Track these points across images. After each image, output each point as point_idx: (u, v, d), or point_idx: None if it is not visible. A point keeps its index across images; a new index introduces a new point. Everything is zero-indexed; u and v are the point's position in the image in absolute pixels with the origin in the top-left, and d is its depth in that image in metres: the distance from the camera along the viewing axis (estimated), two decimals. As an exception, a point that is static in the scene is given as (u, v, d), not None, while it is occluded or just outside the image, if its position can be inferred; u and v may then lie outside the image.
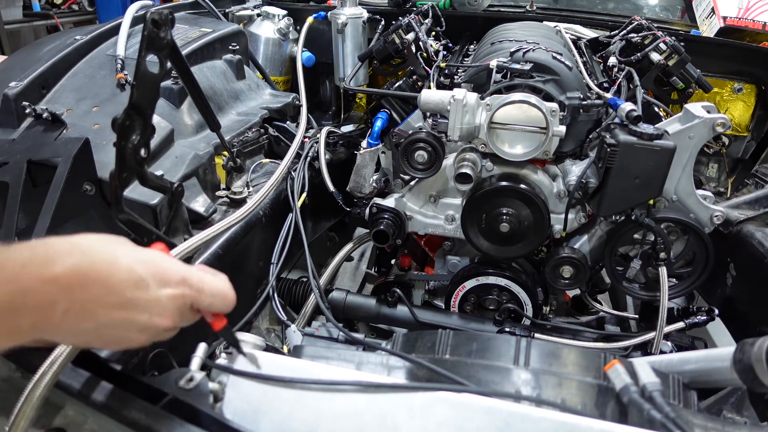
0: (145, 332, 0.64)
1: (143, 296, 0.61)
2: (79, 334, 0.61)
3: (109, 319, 0.60)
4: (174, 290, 0.64)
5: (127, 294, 0.60)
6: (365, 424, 0.69)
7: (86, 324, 0.59)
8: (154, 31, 0.84)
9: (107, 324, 0.60)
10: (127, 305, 0.61)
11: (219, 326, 0.73)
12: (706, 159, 2.01)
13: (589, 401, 0.77)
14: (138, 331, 0.63)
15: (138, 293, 0.61)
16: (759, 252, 1.29)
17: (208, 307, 0.69)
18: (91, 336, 0.62)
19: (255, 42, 2.11)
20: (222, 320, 0.73)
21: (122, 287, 0.60)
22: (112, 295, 0.59)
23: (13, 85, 1.33)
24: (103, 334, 0.62)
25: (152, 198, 1.10)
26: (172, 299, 0.64)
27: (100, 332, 0.61)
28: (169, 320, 0.64)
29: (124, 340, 0.64)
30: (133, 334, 0.63)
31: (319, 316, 1.54)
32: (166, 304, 0.63)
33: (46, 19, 4.63)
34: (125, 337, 0.63)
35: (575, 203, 1.36)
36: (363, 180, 1.61)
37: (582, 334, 1.42)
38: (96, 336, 0.62)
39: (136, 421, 0.66)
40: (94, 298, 0.59)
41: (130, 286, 0.61)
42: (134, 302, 0.61)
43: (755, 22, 1.95)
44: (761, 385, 0.72)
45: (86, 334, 0.61)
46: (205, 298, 0.68)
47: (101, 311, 0.59)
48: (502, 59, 1.36)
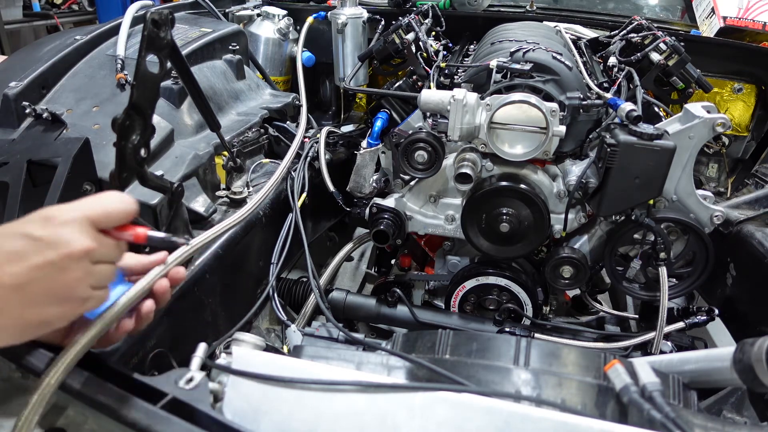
0: (67, 269, 0.61)
1: (27, 242, 0.60)
2: (4, 310, 0.59)
3: (13, 275, 0.59)
4: (58, 219, 0.62)
5: (11, 247, 0.60)
6: (365, 424, 0.69)
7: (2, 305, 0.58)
8: (154, 31, 0.84)
9: (19, 282, 0.59)
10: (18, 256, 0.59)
11: (141, 237, 0.69)
12: (706, 159, 2.01)
13: (589, 401, 0.77)
14: (58, 271, 0.61)
15: (21, 242, 0.60)
16: (759, 252, 1.29)
17: (106, 216, 0.66)
18: (19, 305, 0.60)
19: (255, 42, 2.11)
20: (142, 230, 0.69)
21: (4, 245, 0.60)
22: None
23: (13, 85, 1.33)
24: (30, 295, 0.60)
25: (152, 198, 1.10)
26: (61, 226, 0.62)
27: (25, 294, 0.60)
28: (75, 243, 0.62)
29: (60, 293, 0.62)
30: (57, 276, 0.61)
31: (319, 316, 1.54)
32: (59, 233, 0.61)
33: (46, 19, 4.63)
34: (54, 287, 0.61)
35: (575, 203, 1.36)
36: (363, 180, 1.61)
37: (582, 334, 1.42)
38: (24, 302, 0.60)
39: (136, 421, 0.66)
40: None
41: (10, 241, 0.60)
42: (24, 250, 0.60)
43: (755, 22, 1.95)
44: (761, 385, 0.72)
45: (12, 306, 0.60)
46: (97, 210, 0.65)
47: (2, 275, 0.58)
48: (502, 59, 1.36)
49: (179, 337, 1.02)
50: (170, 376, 0.73)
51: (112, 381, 0.70)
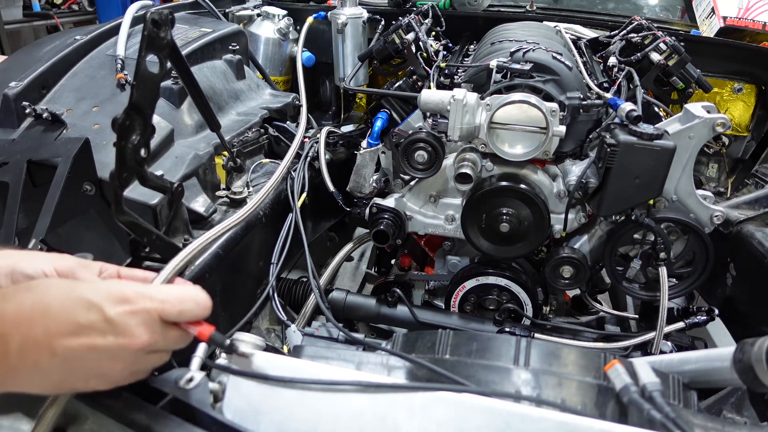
0: (119, 358, 0.61)
1: (97, 318, 0.59)
2: (48, 374, 0.59)
3: (68, 349, 0.58)
4: (132, 306, 0.61)
5: (79, 319, 0.58)
6: (365, 424, 0.69)
7: (47, 360, 0.57)
8: (154, 31, 0.83)
9: (70, 356, 0.58)
10: (81, 331, 0.58)
11: (205, 335, 0.69)
12: (706, 159, 2.01)
13: (589, 401, 0.77)
14: (109, 358, 0.60)
15: (91, 316, 0.59)
16: (759, 252, 1.29)
17: (179, 315, 0.66)
18: (62, 374, 0.59)
19: (255, 42, 2.11)
20: (207, 328, 0.69)
21: (73, 314, 0.58)
22: (63, 323, 0.57)
23: (13, 85, 1.33)
24: (73, 369, 0.59)
25: (152, 198, 1.10)
26: (132, 315, 0.61)
27: (69, 368, 0.59)
28: (137, 338, 0.61)
29: (102, 373, 0.62)
30: (106, 362, 0.61)
31: (319, 316, 1.54)
32: (127, 322, 0.60)
33: (46, 19, 4.64)
34: (99, 368, 0.61)
35: (575, 203, 1.36)
36: (363, 180, 1.61)
37: (582, 334, 1.42)
38: (67, 373, 0.60)
39: (136, 421, 0.66)
40: (46, 330, 0.57)
41: (81, 311, 0.59)
42: (90, 326, 0.59)
43: (755, 22, 1.95)
44: (761, 385, 0.71)
45: (55, 373, 0.59)
46: (171, 306, 0.64)
47: (57, 342, 0.57)
48: (502, 59, 1.36)
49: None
50: (170, 376, 0.73)
51: (112, 381, 0.70)
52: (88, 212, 1.07)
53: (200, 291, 0.69)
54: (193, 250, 0.95)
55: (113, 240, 1.13)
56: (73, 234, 1.09)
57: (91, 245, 1.16)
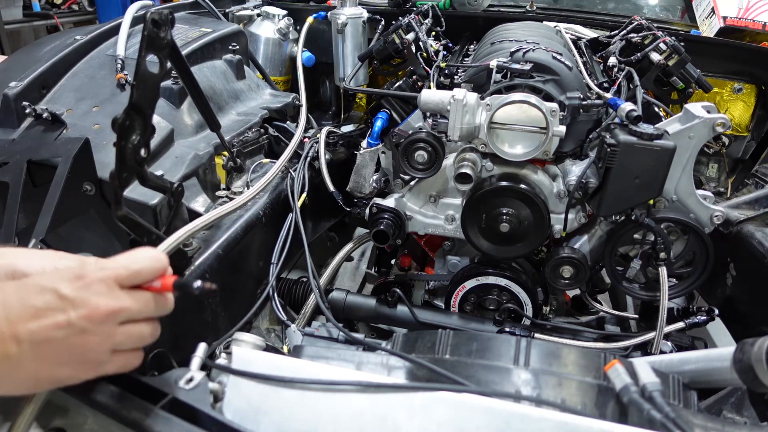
0: (88, 331, 0.60)
1: (52, 298, 0.59)
2: (21, 365, 0.58)
3: (32, 333, 0.58)
4: (84, 279, 0.61)
5: (35, 303, 0.58)
6: (365, 424, 0.69)
7: (15, 348, 0.57)
8: (154, 31, 0.83)
9: (36, 339, 0.58)
10: (40, 313, 0.58)
11: (168, 285, 0.67)
12: (706, 159, 2.01)
13: (589, 401, 0.77)
14: (78, 332, 0.60)
15: (46, 297, 0.59)
16: (759, 252, 1.29)
17: (136, 275, 0.65)
18: (35, 362, 0.59)
19: (255, 42, 2.11)
20: (169, 279, 0.68)
21: (28, 300, 0.58)
22: (20, 310, 0.58)
23: (13, 85, 1.33)
24: (45, 354, 0.59)
25: (152, 198, 1.10)
26: (85, 287, 0.61)
27: (41, 353, 0.59)
28: (97, 305, 0.60)
29: (79, 353, 0.61)
30: (76, 338, 0.60)
31: (319, 316, 1.54)
32: (82, 294, 0.60)
33: (46, 19, 4.64)
34: (72, 347, 0.60)
35: (575, 203, 1.36)
36: (363, 180, 1.61)
37: (582, 334, 1.42)
38: (41, 359, 0.59)
39: (136, 421, 0.66)
40: (6, 320, 0.57)
41: (36, 296, 0.59)
42: (47, 307, 0.59)
43: (755, 22, 1.95)
44: (761, 385, 0.72)
45: (28, 362, 0.58)
46: (124, 269, 0.64)
47: (19, 328, 0.57)
48: (502, 59, 1.36)
49: (179, 337, 1.02)
50: (170, 376, 0.73)
51: (112, 381, 0.70)
52: (88, 212, 1.07)
53: (150, 249, 0.69)
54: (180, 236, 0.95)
55: (113, 240, 1.13)
56: (73, 234, 1.10)
57: (91, 245, 1.17)
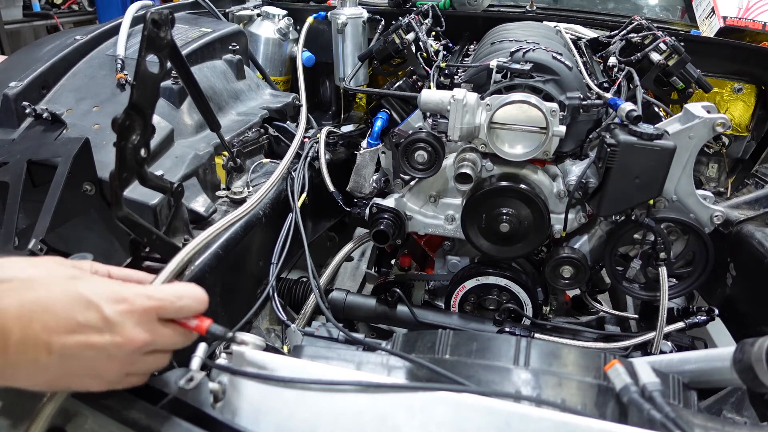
0: (115, 357, 0.61)
1: (95, 317, 0.60)
2: (45, 370, 0.59)
3: (65, 347, 0.58)
4: (130, 305, 0.62)
5: (77, 317, 0.59)
6: (365, 424, 0.69)
7: (45, 357, 0.58)
8: (154, 31, 0.84)
9: (67, 353, 0.59)
10: (79, 329, 0.59)
11: (203, 328, 0.70)
12: (706, 159, 2.01)
13: (589, 401, 0.77)
14: (106, 357, 0.61)
15: (89, 314, 0.60)
16: (759, 252, 1.29)
17: (178, 312, 0.67)
18: (58, 371, 0.60)
19: (255, 42, 2.11)
20: (204, 321, 0.70)
21: (72, 312, 0.59)
22: (61, 321, 0.58)
23: (13, 85, 1.33)
24: (69, 366, 0.60)
25: (152, 198, 1.10)
26: (129, 314, 0.62)
27: (66, 365, 0.60)
28: (133, 337, 0.62)
29: (97, 372, 0.62)
30: (102, 360, 0.61)
31: (319, 316, 1.54)
32: (124, 321, 0.61)
33: (46, 19, 4.64)
34: (95, 366, 0.61)
35: (575, 203, 1.36)
36: (363, 180, 1.61)
37: (582, 334, 1.42)
38: (64, 370, 0.60)
39: (136, 421, 0.66)
40: (45, 327, 0.57)
41: (80, 309, 0.59)
42: (87, 324, 0.59)
43: (755, 22, 1.95)
44: (761, 385, 0.71)
45: (52, 370, 0.59)
46: (169, 304, 0.65)
47: (55, 339, 0.58)
48: (502, 59, 1.36)
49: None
50: (170, 376, 0.73)
51: (112, 381, 0.70)
52: (88, 212, 1.07)
53: (196, 287, 0.70)
54: (191, 251, 0.95)
55: (113, 240, 1.13)
56: (73, 234, 1.09)
57: (91, 245, 1.16)
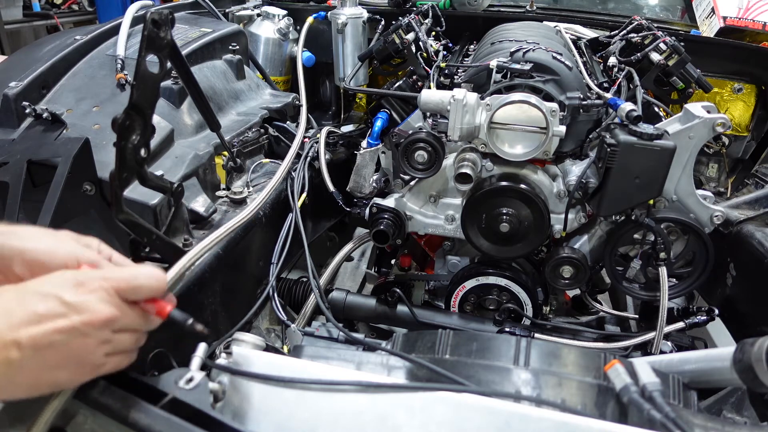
0: (88, 336, 0.62)
1: (55, 304, 0.61)
2: (22, 369, 0.59)
3: (33, 338, 0.59)
4: (87, 286, 0.63)
5: (38, 310, 0.60)
6: (365, 424, 0.69)
7: (16, 353, 0.58)
8: (154, 31, 0.84)
9: (38, 343, 0.59)
10: (42, 318, 0.60)
11: (164, 313, 0.70)
12: (706, 159, 2.01)
13: (589, 401, 0.77)
14: (79, 335, 0.61)
15: (49, 303, 0.60)
16: (759, 252, 1.29)
17: (135, 291, 0.67)
18: (36, 366, 0.60)
19: (255, 42, 2.11)
20: (165, 305, 0.70)
21: (30, 306, 0.60)
22: (22, 316, 0.59)
23: (13, 85, 1.33)
24: (46, 358, 0.60)
25: (152, 198, 1.10)
26: (88, 293, 0.63)
27: (42, 357, 0.60)
28: (99, 312, 0.62)
29: (77, 355, 0.62)
30: (77, 343, 0.61)
31: (319, 316, 1.54)
32: (85, 300, 0.62)
33: (46, 19, 4.63)
34: (73, 351, 0.62)
35: (575, 203, 1.35)
36: (363, 180, 1.61)
37: (582, 334, 1.42)
38: (42, 363, 0.60)
39: (136, 421, 0.66)
40: (9, 325, 0.58)
41: (38, 302, 0.60)
42: (49, 313, 0.60)
43: (755, 22, 1.95)
44: (761, 385, 0.72)
45: (29, 366, 0.60)
46: (126, 283, 0.66)
47: (21, 332, 0.58)
48: (502, 59, 1.36)
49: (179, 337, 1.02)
50: (170, 376, 0.73)
51: (112, 381, 0.70)
52: (88, 212, 1.06)
53: (154, 268, 0.71)
54: (195, 255, 0.96)
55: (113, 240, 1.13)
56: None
57: (91, 245, 1.16)
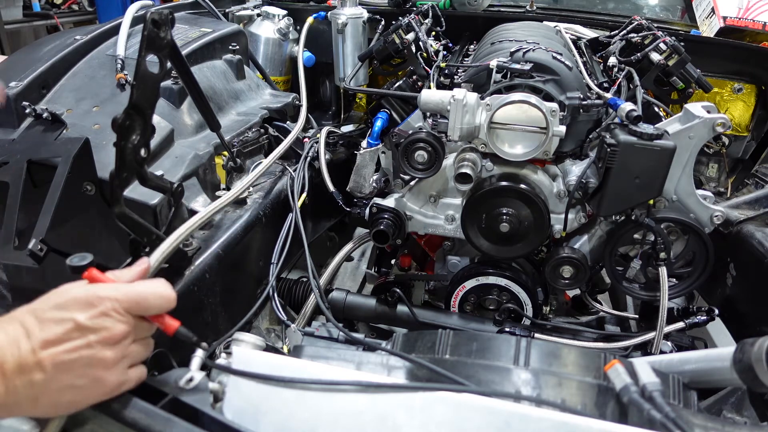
0: (107, 352, 0.63)
1: (71, 327, 0.62)
2: (44, 389, 0.60)
3: (55, 357, 0.60)
4: (98, 308, 0.64)
5: (57, 333, 0.61)
6: (365, 424, 0.69)
7: (40, 375, 0.60)
8: (154, 31, 0.84)
9: (60, 363, 0.60)
10: (62, 340, 0.61)
11: (171, 329, 0.72)
12: (706, 159, 2.01)
13: (589, 401, 0.77)
14: (98, 355, 0.63)
15: (66, 326, 0.62)
16: (759, 252, 1.29)
17: (146, 309, 0.69)
18: (58, 386, 0.61)
19: (255, 42, 2.11)
20: (173, 323, 0.73)
21: (50, 329, 0.61)
22: (44, 338, 0.60)
23: (13, 85, 1.33)
24: (68, 377, 0.61)
25: (152, 198, 1.10)
26: (105, 314, 0.64)
27: (63, 377, 0.61)
28: (114, 329, 0.64)
29: (97, 375, 0.63)
30: (97, 361, 0.63)
31: (319, 316, 1.54)
32: (100, 323, 0.63)
33: (46, 19, 4.63)
34: (92, 369, 0.63)
35: (575, 203, 1.35)
36: (363, 180, 1.61)
37: (582, 334, 1.42)
38: (63, 383, 0.61)
39: (136, 421, 0.66)
40: (32, 348, 0.60)
41: (55, 327, 0.61)
42: (67, 335, 0.61)
43: (755, 22, 1.95)
44: (761, 385, 0.72)
45: (52, 387, 0.61)
46: (134, 304, 0.67)
47: (43, 353, 0.60)
48: (502, 59, 1.36)
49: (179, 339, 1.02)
50: (170, 376, 0.73)
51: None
52: (88, 212, 1.07)
53: (164, 284, 0.72)
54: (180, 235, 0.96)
55: (113, 240, 1.13)
56: (73, 234, 1.10)
57: (91, 245, 1.16)
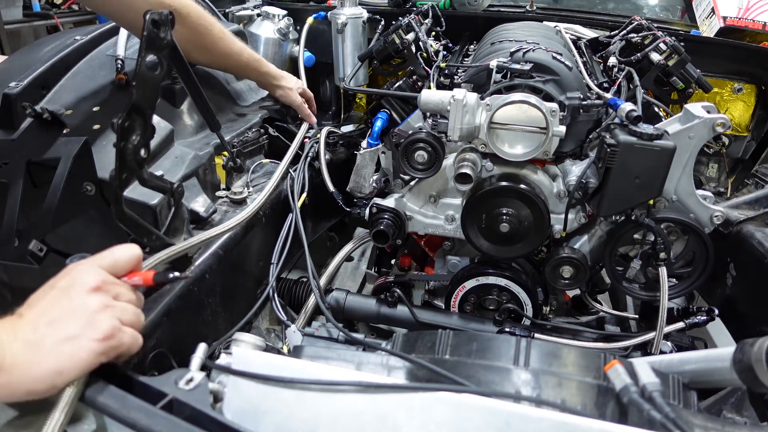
0: (94, 297, 0.69)
1: (45, 288, 0.70)
2: (46, 346, 0.65)
3: (42, 310, 0.67)
4: (76, 268, 0.73)
5: (31, 300, 0.69)
6: (365, 424, 0.69)
7: (32, 333, 0.65)
8: (154, 31, 0.84)
9: (49, 314, 0.67)
10: (39, 299, 0.69)
11: (149, 279, 0.78)
12: (706, 159, 2.01)
13: (589, 401, 0.77)
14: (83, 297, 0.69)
15: (42, 291, 0.70)
16: (759, 252, 1.29)
17: (116, 262, 0.76)
18: (57, 340, 0.66)
19: (255, 42, 2.11)
20: (147, 274, 0.78)
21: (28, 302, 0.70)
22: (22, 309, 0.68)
23: (13, 85, 1.32)
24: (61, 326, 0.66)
25: (152, 198, 1.10)
26: (71, 271, 0.72)
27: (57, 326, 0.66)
28: (92, 277, 0.71)
29: (88, 317, 0.68)
30: (83, 312, 0.68)
31: (319, 316, 1.54)
32: (71, 277, 0.71)
33: (46, 19, 4.63)
34: (81, 320, 0.68)
35: (575, 203, 1.35)
36: (363, 180, 1.61)
37: (582, 334, 1.42)
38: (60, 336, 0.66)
39: (136, 421, 0.66)
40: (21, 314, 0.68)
41: (34, 295, 0.70)
42: (42, 294, 0.69)
43: (755, 22, 1.95)
44: (761, 385, 0.72)
45: (52, 341, 0.65)
46: (104, 258, 0.75)
47: (30, 314, 0.67)
48: (502, 59, 1.36)
49: (179, 337, 1.02)
50: (170, 377, 0.73)
51: (112, 381, 0.70)
52: (88, 212, 1.07)
53: (128, 244, 0.79)
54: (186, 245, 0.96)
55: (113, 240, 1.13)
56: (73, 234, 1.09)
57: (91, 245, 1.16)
